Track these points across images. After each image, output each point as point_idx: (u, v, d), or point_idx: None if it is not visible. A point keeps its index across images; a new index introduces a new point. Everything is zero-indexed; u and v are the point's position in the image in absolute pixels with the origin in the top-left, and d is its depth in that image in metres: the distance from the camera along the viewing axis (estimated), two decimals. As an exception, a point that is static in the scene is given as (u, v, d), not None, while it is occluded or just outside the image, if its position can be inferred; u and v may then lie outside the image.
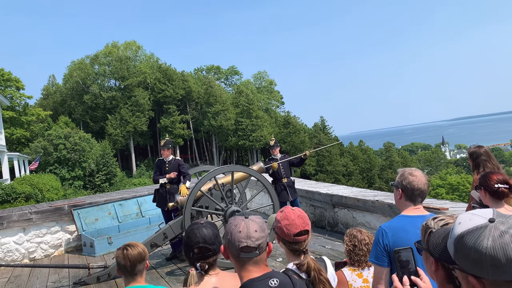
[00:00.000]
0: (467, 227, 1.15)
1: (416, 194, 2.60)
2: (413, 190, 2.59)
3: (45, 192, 29.34)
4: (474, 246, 1.10)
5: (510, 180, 3.29)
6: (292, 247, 2.24)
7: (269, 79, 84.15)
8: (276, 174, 8.08)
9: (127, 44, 67.84)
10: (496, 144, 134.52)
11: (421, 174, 2.65)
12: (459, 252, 1.16)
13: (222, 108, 63.17)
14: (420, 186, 2.58)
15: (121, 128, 59.74)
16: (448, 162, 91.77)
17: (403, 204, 2.68)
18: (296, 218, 2.22)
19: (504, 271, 1.07)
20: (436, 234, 1.43)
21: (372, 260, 2.61)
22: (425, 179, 2.63)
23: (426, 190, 2.62)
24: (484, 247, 1.08)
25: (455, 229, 1.19)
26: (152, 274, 6.80)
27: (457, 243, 1.16)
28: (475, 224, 1.14)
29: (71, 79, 63.08)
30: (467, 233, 1.14)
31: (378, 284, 2.51)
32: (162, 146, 7.57)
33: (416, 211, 2.61)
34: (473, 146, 4.91)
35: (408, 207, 2.64)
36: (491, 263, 1.07)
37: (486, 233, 1.10)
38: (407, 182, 2.61)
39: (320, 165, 63.62)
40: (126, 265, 2.59)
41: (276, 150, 8.27)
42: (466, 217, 1.18)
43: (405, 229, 2.48)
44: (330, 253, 6.85)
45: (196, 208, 6.58)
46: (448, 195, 46.78)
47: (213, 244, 2.11)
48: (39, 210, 8.71)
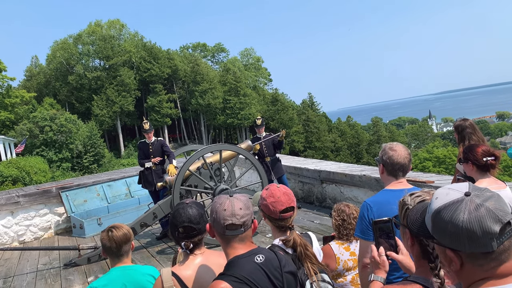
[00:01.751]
0: (443, 201, 1.16)
1: (397, 168, 2.61)
2: (393, 164, 2.60)
3: (32, 175, 29.12)
4: (451, 220, 1.12)
5: (495, 151, 3.32)
6: (278, 223, 2.25)
7: (256, 56, 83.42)
8: (259, 152, 8.11)
9: (111, 22, 66.45)
10: (482, 116, 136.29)
11: (401, 148, 2.64)
12: (437, 227, 1.18)
13: (209, 87, 62.64)
14: (400, 160, 2.59)
15: (108, 109, 59.04)
16: (435, 136, 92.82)
17: (386, 178, 2.70)
18: (281, 195, 2.23)
19: (480, 243, 1.09)
20: (414, 210, 1.45)
21: (357, 234, 2.64)
22: (406, 153, 2.62)
23: (407, 164, 2.62)
24: (460, 220, 1.10)
25: (432, 204, 1.20)
26: (142, 253, 6.84)
27: (435, 218, 1.18)
28: (452, 199, 1.15)
29: (55, 60, 61.82)
30: (443, 207, 1.15)
31: (364, 258, 2.55)
32: (148, 131, 7.52)
33: (399, 185, 2.62)
34: (458, 119, 4.95)
35: (391, 182, 2.66)
36: (467, 236, 1.09)
37: (462, 206, 1.11)
38: (387, 157, 2.62)
39: (308, 141, 63.91)
40: (112, 247, 2.60)
41: (261, 129, 8.27)
42: (443, 192, 1.20)
43: (389, 203, 2.50)
44: (318, 227, 6.94)
45: (185, 187, 6.59)
46: (435, 168, 47.42)
47: (198, 224, 2.12)
48: (26, 193, 8.65)
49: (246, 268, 1.76)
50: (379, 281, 1.77)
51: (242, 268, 1.76)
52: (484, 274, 1.13)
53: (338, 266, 3.37)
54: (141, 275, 2.59)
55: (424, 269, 1.49)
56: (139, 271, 2.62)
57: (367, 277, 2.54)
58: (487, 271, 1.12)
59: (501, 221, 1.08)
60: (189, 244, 2.11)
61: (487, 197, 1.13)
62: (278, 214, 2.22)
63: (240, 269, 1.75)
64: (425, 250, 1.47)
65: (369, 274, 2.47)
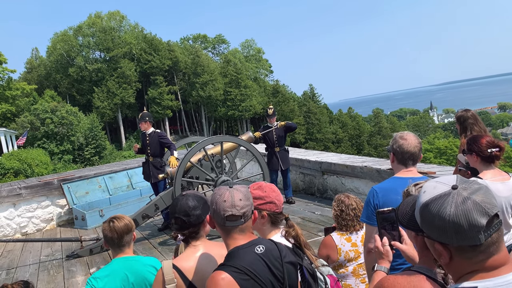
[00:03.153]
0: (431, 195, 1.17)
1: (406, 157, 2.62)
2: (403, 153, 2.61)
3: (34, 167, 29.19)
4: (438, 214, 1.12)
5: (499, 142, 3.30)
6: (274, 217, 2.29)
7: (257, 47, 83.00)
8: (268, 142, 8.07)
9: (111, 14, 66.09)
10: (483, 107, 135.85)
11: (412, 137, 2.65)
12: (425, 220, 1.18)
13: (210, 78, 62.46)
14: (410, 149, 2.59)
15: (108, 101, 58.96)
16: (436, 127, 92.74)
17: (396, 167, 2.72)
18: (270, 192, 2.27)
19: (467, 236, 1.09)
20: (404, 203, 1.46)
21: (363, 219, 2.67)
22: (416, 142, 2.63)
23: (417, 153, 2.62)
24: (447, 214, 1.10)
25: (421, 198, 1.20)
26: (144, 244, 6.87)
27: (422, 212, 1.18)
28: (439, 192, 1.15)
29: (55, 52, 61.59)
30: (431, 201, 1.15)
31: (370, 243, 2.56)
32: (140, 119, 7.53)
33: (409, 173, 2.63)
34: (460, 110, 4.93)
35: (400, 170, 2.67)
36: (454, 230, 1.09)
37: (449, 200, 1.11)
38: (397, 146, 2.63)
39: (309, 133, 63.83)
40: (113, 237, 2.60)
41: (273, 119, 8.19)
42: (431, 185, 1.20)
43: (396, 190, 2.50)
44: (319, 219, 6.96)
45: (187, 179, 6.60)
46: (436, 159, 47.44)
47: (188, 216, 2.13)
48: (28, 185, 8.67)
49: (246, 258, 1.76)
50: (383, 271, 1.77)
51: (242, 259, 1.76)
52: (473, 266, 1.13)
53: (339, 257, 3.37)
54: (143, 266, 2.59)
55: (427, 260, 1.49)
56: (141, 262, 2.63)
57: (372, 261, 2.55)
58: (476, 263, 1.13)
59: (488, 214, 1.08)
60: (175, 235, 2.14)
61: (474, 190, 1.12)
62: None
63: (241, 260, 1.76)
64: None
65: (373, 260, 2.49)
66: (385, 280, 1.47)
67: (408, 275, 1.45)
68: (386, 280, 1.46)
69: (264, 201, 2.20)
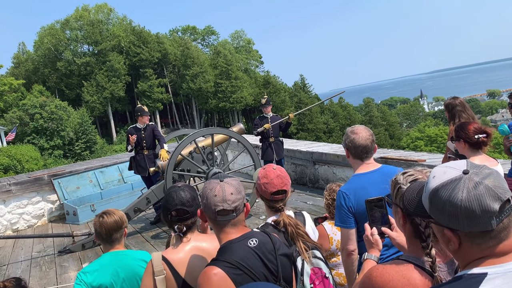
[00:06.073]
0: (441, 180, 1.13)
1: (360, 151, 2.61)
2: (356, 147, 2.61)
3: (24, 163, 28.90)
4: (449, 199, 1.09)
5: (486, 128, 3.32)
6: (270, 204, 2.27)
7: (247, 38, 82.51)
8: (263, 132, 8.07)
9: (98, 7, 65.25)
10: (473, 95, 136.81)
11: (363, 130, 2.65)
12: (434, 206, 1.15)
13: (200, 70, 62.08)
14: (362, 142, 2.59)
15: (98, 95, 58.40)
16: (426, 115, 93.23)
17: (353, 162, 2.71)
18: (275, 177, 2.25)
19: (479, 222, 1.06)
20: (410, 189, 1.43)
21: (338, 224, 2.63)
22: (367, 135, 2.62)
23: (370, 145, 2.61)
24: (459, 199, 1.07)
25: (430, 183, 1.17)
26: (137, 238, 6.86)
27: (432, 197, 1.15)
28: (450, 177, 1.12)
29: (43, 46, 60.75)
30: (441, 186, 1.12)
31: (347, 245, 2.55)
32: (144, 113, 7.67)
33: (368, 167, 2.63)
34: (449, 98, 4.95)
35: (359, 165, 2.67)
36: (466, 215, 1.07)
37: (461, 185, 1.09)
38: (349, 141, 2.63)
39: (301, 123, 63.88)
40: (102, 233, 2.59)
41: (268, 108, 8.18)
42: (441, 170, 1.17)
43: (364, 187, 2.51)
44: (311, 208, 6.99)
45: (178, 172, 6.58)
46: (426, 147, 47.77)
47: (191, 207, 2.10)
48: (18, 182, 8.60)
49: (239, 253, 1.75)
50: (373, 259, 1.78)
51: (235, 253, 1.74)
52: (482, 252, 1.11)
53: (331, 246, 3.40)
54: (133, 260, 2.58)
55: (415, 248, 1.49)
56: (131, 256, 2.62)
57: (351, 265, 2.56)
58: (486, 249, 1.10)
59: (501, 199, 1.06)
60: (182, 227, 2.10)
61: (485, 174, 1.10)
62: (269, 195, 2.23)
63: (233, 254, 1.74)
64: (417, 229, 1.47)
65: (354, 262, 2.50)
66: (374, 270, 1.47)
67: (397, 264, 1.46)
68: (375, 270, 1.47)
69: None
